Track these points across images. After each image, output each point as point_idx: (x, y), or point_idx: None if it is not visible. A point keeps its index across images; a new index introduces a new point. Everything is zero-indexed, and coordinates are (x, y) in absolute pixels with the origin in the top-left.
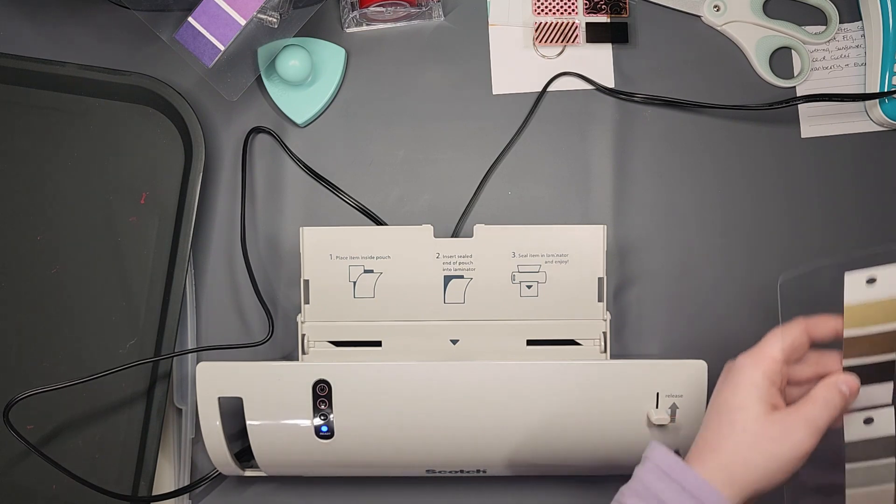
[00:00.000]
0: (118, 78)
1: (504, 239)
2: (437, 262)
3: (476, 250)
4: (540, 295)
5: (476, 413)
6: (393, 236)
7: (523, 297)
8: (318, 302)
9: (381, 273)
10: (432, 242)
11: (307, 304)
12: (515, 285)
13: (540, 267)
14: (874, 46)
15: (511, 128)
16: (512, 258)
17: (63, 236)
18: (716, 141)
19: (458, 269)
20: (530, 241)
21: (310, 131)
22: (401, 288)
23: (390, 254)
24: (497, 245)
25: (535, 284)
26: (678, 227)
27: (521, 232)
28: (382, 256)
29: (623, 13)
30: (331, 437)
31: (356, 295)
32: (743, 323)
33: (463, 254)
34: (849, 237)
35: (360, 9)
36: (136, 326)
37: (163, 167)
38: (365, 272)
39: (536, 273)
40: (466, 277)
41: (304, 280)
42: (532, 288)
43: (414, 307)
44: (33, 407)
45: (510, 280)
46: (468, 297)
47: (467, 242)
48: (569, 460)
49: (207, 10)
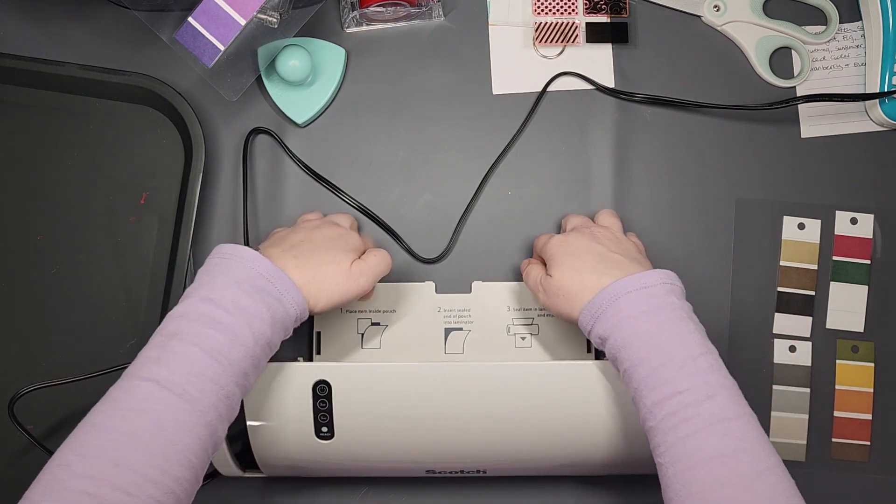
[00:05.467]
0: (118, 78)
1: (499, 294)
2: (439, 316)
3: (474, 304)
4: (533, 346)
5: (475, 413)
6: (398, 292)
7: (518, 347)
8: (328, 352)
9: (386, 326)
10: (434, 298)
11: (318, 354)
12: (511, 336)
13: (533, 320)
14: (874, 46)
15: (511, 128)
16: (507, 312)
17: (63, 236)
18: (716, 141)
19: (458, 321)
20: (524, 296)
21: (310, 131)
22: (405, 339)
23: (395, 308)
24: (493, 300)
25: (528, 336)
26: (678, 227)
27: (516, 288)
28: (388, 310)
29: (623, 13)
30: (331, 438)
31: (364, 346)
32: (743, 322)
33: (462, 307)
34: None
35: (360, 9)
36: (136, 326)
37: (163, 167)
38: (372, 325)
39: (530, 325)
40: (465, 330)
41: (316, 332)
42: (526, 339)
43: (417, 357)
44: (34, 407)
45: (506, 332)
46: (467, 347)
47: (466, 298)
48: (568, 460)
49: (207, 10)
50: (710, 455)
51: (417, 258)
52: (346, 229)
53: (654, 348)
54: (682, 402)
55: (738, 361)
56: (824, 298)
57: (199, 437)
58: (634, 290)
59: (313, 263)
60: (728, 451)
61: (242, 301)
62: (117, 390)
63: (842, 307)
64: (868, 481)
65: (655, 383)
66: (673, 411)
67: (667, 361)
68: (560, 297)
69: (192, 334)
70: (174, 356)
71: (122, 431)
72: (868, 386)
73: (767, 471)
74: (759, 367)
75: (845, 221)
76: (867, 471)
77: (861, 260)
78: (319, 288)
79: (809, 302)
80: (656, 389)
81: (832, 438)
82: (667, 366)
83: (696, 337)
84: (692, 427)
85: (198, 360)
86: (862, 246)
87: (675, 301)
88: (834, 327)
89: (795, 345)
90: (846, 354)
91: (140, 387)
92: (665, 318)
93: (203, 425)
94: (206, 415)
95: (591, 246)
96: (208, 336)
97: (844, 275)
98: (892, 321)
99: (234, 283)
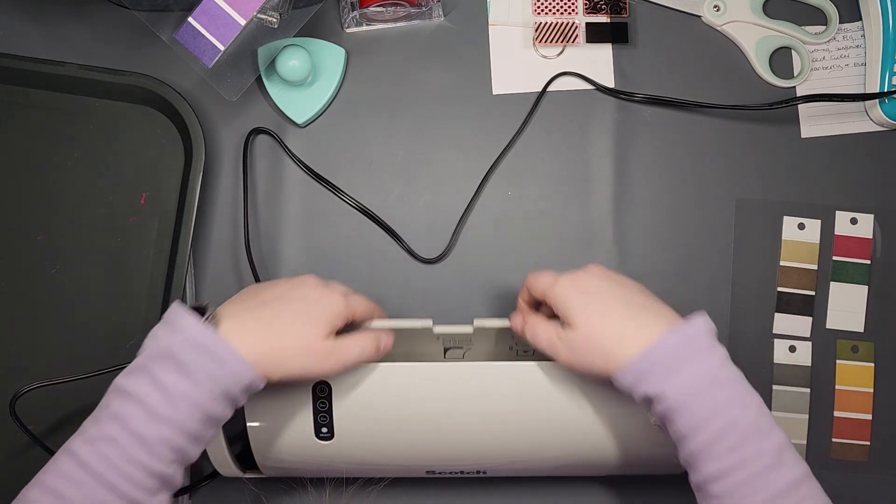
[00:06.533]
0: (118, 78)
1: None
2: (438, 342)
3: (475, 338)
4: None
5: (476, 414)
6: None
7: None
8: None
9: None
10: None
11: None
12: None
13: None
14: (874, 46)
15: (511, 128)
16: (509, 351)
17: (63, 236)
18: (716, 141)
19: (458, 344)
20: None
21: (310, 131)
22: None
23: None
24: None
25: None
26: (678, 227)
27: None
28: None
29: (623, 13)
30: (331, 439)
31: None
32: (743, 321)
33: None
34: None
35: (360, 9)
36: (136, 326)
37: (163, 167)
38: None
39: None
40: (465, 349)
41: None
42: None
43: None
44: (34, 406)
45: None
46: (467, 355)
47: (465, 328)
48: (568, 461)
49: (207, 10)
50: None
51: (417, 258)
52: (331, 291)
53: (713, 411)
54: (751, 473)
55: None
56: (824, 298)
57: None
58: (682, 344)
59: (275, 330)
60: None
61: (169, 380)
62: (59, 457)
63: (842, 307)
64: (868, 481)
65: (722, 451)
66: (743, 481)
67: (729, 428)
68: (593, 352)
69: (122, 413)
70: (100, 432)
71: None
72: (868, 386)
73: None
74: (759, 367)
75: (845, 221)
76: (867, 471)
77: (861, 260)
78: (277, 358)
79: (809, 302)
80: (724, 458)
81: (832, 438)
82: (731, 433)
83: (751, 393)
84: (763, 498)
85: (120, 440)
86: (862, 246)
87: (721, 350)
88: (834, 327)
89: (795, 345)
90: (846, 354)
91: (62, 461)
92: (723, 377)
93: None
94: (126, 495)
95: (610, 288)
96: (133, 416)
97: (844, 275)
98: (892, 321)
99: (170, 357)
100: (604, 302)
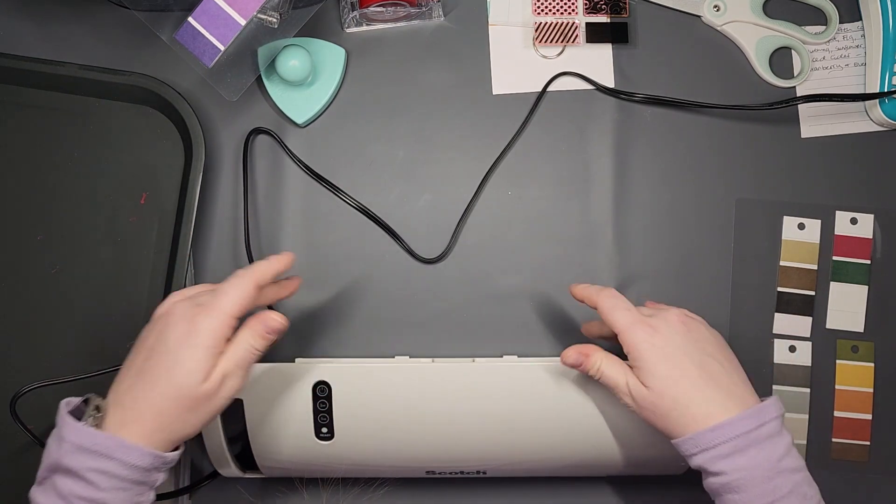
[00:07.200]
0: (118, 78)
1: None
2: None
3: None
4: None
5: (476, 413)
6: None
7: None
8: None
9: None
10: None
11: None
12: None
13: None
14: (874, 46)
15: (511, 128)
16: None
17: (63, 236)
18: (716, 141)
19: None
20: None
21: (310, 131)
22: None
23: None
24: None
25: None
26: (678, 227)
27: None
28: None
29: (623, 13)
30: (331, 439)
31: None
32: (743, 322)
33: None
34: None
35: (360, 9)
36: (137, 326)
37: (163, 167)
38: None
39: None
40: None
41: None
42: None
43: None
44: (35, 406)
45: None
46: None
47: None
48: (569, 461)
49: (207, 10)
50: None
51: (417, 258)
52: (194, 319)
53: (773, 500)
54: None
55: (738, 361)
56: (824, 298)
57: None
58: (752, 429)
59: (153, 403)
60: None
61: (72, 490)
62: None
63: (842, 307)
64: (868, 481)
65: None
66: None
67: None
68: (658, 413)
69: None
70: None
71: None
72: (868, 386)
73: None
74: (759, 367)
75: (845, 221)
76: (867, 471)
77: (861, 260)
78: (167, 428)
79: (809, 302)
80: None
81: (832, 438)
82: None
83: (811, 484)
84: None
85: None
86: (862, 246)
87: (788, 438)
88: (834, 327)
89: (795, 345)
90: (846, 354)
91: None
92: (786, 466)
93: None
94: None
95: (686, 348)
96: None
97: (844, 275)
98: (892, 321)
99: (62, 468)
100: (679, 367)
